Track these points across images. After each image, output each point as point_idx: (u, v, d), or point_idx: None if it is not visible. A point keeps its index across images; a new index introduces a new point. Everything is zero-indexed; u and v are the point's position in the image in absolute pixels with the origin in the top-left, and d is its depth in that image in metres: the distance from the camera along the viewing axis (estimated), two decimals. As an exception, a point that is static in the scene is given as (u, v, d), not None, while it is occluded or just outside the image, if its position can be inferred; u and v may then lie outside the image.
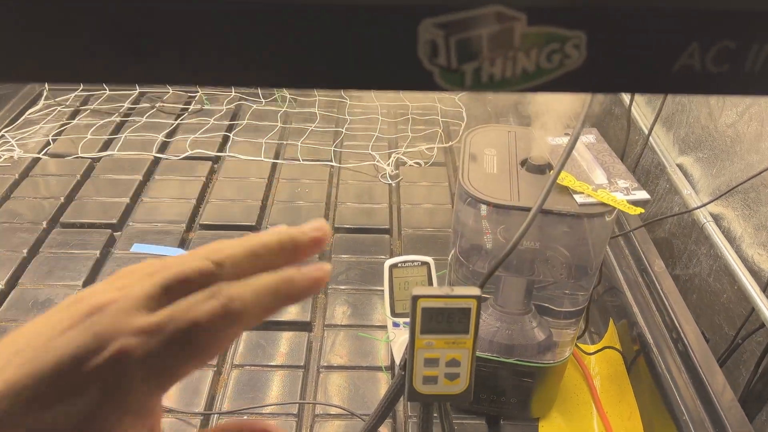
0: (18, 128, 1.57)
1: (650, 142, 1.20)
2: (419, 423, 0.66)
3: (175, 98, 1.74)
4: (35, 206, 1.29)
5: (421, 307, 0.55)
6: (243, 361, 0.97)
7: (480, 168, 0.73)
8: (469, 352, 0.58)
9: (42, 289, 1.08)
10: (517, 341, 0.82)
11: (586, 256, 0.74)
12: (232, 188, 1.37)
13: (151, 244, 1.20)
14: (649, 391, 0.85)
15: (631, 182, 0.70)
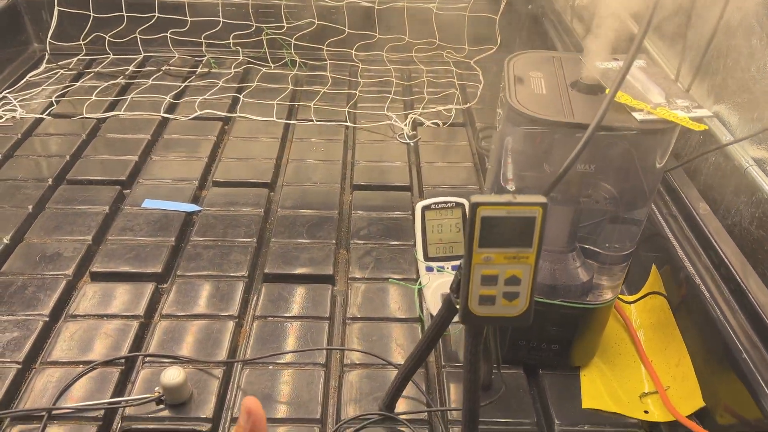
0: (19, 90, 1.51)
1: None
2: (468, 355, 0.61)
3: (181, 62, 1.68)
4: (39, 164, 1.24)
5: (480, 216, 0.50)
6: (265, 313, 0.92)
7: (527, 90, 0.68)
8: (530, 268, 0.53)
9: (50, 244, 1.03)
10: (560, 281, 0.77)
11: (640, 184, 0.69)
12: (245, 147, 1.32)
13: (162, 200, 1.14)
14: (700, 334, 0.80)
15: (691, 101, 0.66)
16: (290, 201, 1.16)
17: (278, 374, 0.83)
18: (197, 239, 1.05)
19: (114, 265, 0.99)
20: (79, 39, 1.69)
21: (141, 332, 0.89)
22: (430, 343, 0.68)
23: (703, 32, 1.15)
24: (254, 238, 1.06)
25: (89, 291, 0.94)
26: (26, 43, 1.73)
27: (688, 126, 0.62)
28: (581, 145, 0.58)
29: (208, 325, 0.89)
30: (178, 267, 1.00)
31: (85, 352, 0.85)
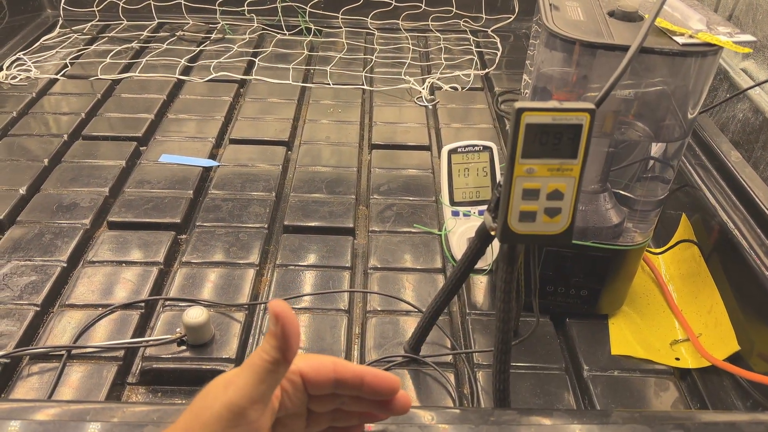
0: (33, 52, 1.50)
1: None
2: (501, 284, 0.59)
3: (196, 28, 1.66)
4: (54, 121, 1.22)
5: (525, 122, 0.48)
6: (285, 262, 0.90)
7: (564, 16, 0.66)
8: (575, 181, 0.51)
9: (66, 194, 1.02)
10: (591, 223, 0.75)
11: (678, 116, 0.67)
12: (261, 108, 1.30)
13: (179, 155, 1.13)
14: (735, 281, 0.78)
15: (732, 28, 0.64)
16: (308, 159, 1.14)
17: (300, 319, 0.81)
18: (215, 192, 1.04)
19: (132, 215, 0.98)
20: (92, 5, 1.68)
21: (160, 279, 0.88)
22: (460, 277, 0.67)
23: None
24: (273, 193, 1.04)
25: (107, 239, 0.93)
26: (39, 9, 1.71)
27: (732, 48, 0.60)
28: (625, 62, 0.56)
29: (228, 273, 0.88)
30: (196, 218, 0.98)
31: (104, 296, 0.83)
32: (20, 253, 0.90)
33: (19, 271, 0.86)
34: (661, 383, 0.75)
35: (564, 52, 0.63)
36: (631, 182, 0.76)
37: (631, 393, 0.73)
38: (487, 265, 0.86)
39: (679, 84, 0.64)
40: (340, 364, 0.41)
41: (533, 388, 0.73)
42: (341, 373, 0.41)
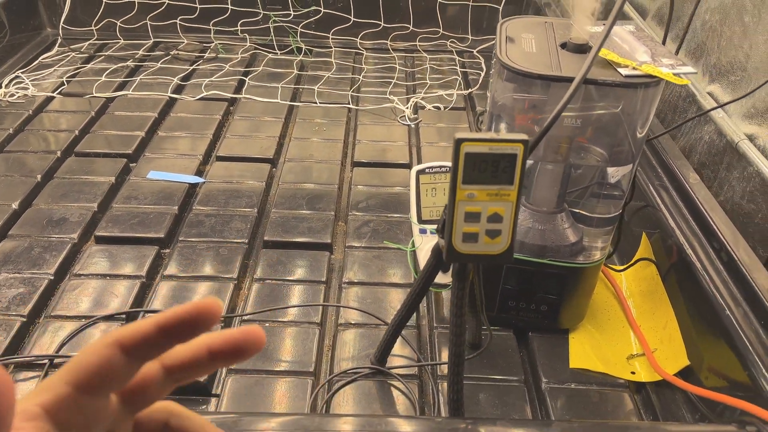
0: (32, 70, 1.55)
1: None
2: (454, 299, 0.63)
3: (190, 47, 1.72)
4: (49, 138, 1.27)
5: (464, 152, 0.53)
6: (263, 276, 0.94)
7: (518, 48, 0.71)
8: (512, 206, 0.55)
9: (56, 210, 1.06)
10: (549, 241, 0.79)
11: (626, 141, 0.71)
12: (249, 126, 1.35)
13: (167, 172, 1.17)
14: (688, 298, 0.82)
15: (676, 60, 0.68)
16: (291, 176, 1.18)
17: (274, 331, 0.85)
18: (199, 208, 1.08)
19: (118, 230, 1.02)
20: (91, 25, 1.73)
21: (143, 292, 0.92)
22: (419, 292, 0.70)
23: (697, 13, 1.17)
24: (255, 209, 1.08)
25: (93, 253, 0.97)
26: (40, 27, 1.77)
27: (671, 80, 0.64)
28: (568, 95, 0.60)
29: (208, 286, 0.92)
30: (180, 233, 1.03)
31: (87, 308, 0.87)
32: (10, 266, 0.94)
33: (8, 283, 0.90)
34: (616, 396, 0.78)
35: (514, 82, 0.67)
36: (583, 201, 0.79)
37: (586, 405, 0.77)
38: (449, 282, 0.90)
39: (625, 111, 0.68)
40: None
41: (492, 399, 0.77)
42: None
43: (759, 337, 0.70)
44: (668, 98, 1.26)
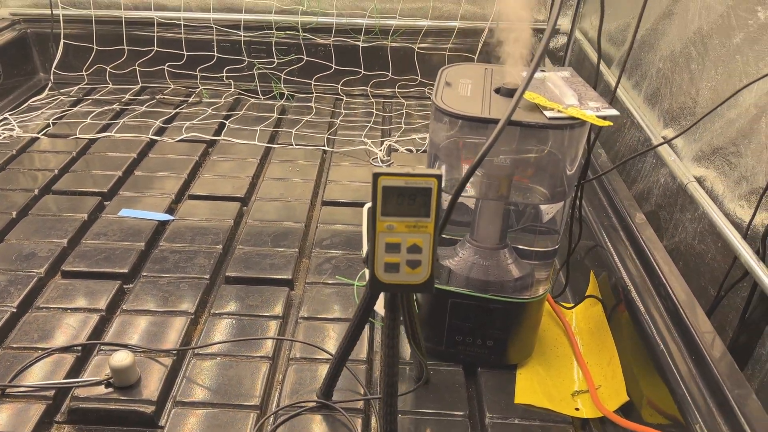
0: (20, 113, 1.61)
1: (637, 121, 1.21)
2: (385, 329, 0.65)
3: (176, 92, 1.78)
4: (29, 177, 1.31)
5: (381, 185, 0.55)
6: (220, 311, 0.96)
7: (454, 92, 0.74)
8: (430, 237, 0.58)
9: (27, 245, 1.09)
10: (492, 277, 0.81)
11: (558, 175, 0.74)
12: (224, 167, 1.39)
13: (138, 210, 1.20)
14: (630, 336, 0.83)
15: (602, 104, 0.71)
16: (260, 214, 1.21)
17: (225, 364, 0.86)
18: (165, 245, 1.11)
19: (84, 265, 1.04)
20: (81, 70, 1.80)
21: (101, 325, 0.93)
22: (358, 324, 0.72)
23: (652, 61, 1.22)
24: (220, 246, 1.11)
25: (58, 286, 0.99)
26: (33, 72, 1.84)
27: (593, 122, 0.67)
28: (493, 136, 0.63)
29: (164, 320, 0.93)
30: (143, 268, 1.05)
31: (45, 339, 0.89)
32: (-26, 298, 0.96)
33: (-30, 315, 0.92)
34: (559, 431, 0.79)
35: (444, 123, 0.71)
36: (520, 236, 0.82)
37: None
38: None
39: (553, 151, 0.71)
40: None
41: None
42: None
43: (692, 375, 0.71)
44: (629, 143, 1.30)
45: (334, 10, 1.77)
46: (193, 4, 1.82)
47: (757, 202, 0.85)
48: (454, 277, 0.82)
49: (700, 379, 0.71)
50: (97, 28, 1.78)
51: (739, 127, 0.91)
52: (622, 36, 1.43)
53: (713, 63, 0.99)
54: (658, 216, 1.15)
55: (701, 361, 0.71)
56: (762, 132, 0.87)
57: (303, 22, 1.77)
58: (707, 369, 0.70)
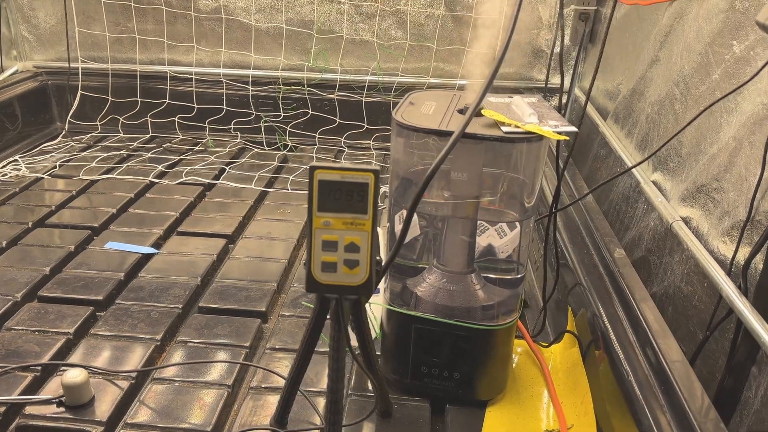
0: (31, 155, 1.66)
1: (626, 165, 1.20)
2: (332, 343, 0.62)
3: (183, 142, 1.83)
4: (27, 211, 1.34)
5: (318, 179, 0.55)
6: (187, 338, 0.94)
7: (416, 111, 0.74)
8: (368, 235, 0.56)
9: (9, 271, 1.09)
10: (458, 302, 0.78)
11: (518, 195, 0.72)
12: (217, 207, 1.40)
13: (125, 243, 1.21)
14: (604, 373, 0.78)
15: (562, 122, 0.70)
16: (244, 251, 1.21)
17: (181, 390, 0.83)
18: (144, 276, 1.10)
19: (61, 291, 1.04)
20: (96, 119, 1.87)
21: (66, 347, 0.92)
22: (308, 342, 0.69)
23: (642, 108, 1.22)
24: (198, 278, 1.10)
25: (30, 309, 0.99)
26: (50, 121, 1.92)
27: (548, 136, 0.66)
28: (448, 146, 0.63)
29: (128, 345, 0.92)
30: (119, 297, 1.04)
31: (6, 359, 0.88)
32: (-54, 318, 0.96)
33: (-62, 333, 0.92)
34: (526, 472, 0.73)
35: (402, 137, 0.71)
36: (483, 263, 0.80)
37: (491, 479, 0.72)
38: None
39: (509, 167, 0.70)
40: None
41: (389, 466, 0.72)
42: None
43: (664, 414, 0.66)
44: (621, 190, 1.28)
45: (338, 67, 1.83)
46: (205, 60, 1.90)
47: (739, 235, 0.82)
48: (420, 303, 0.80)
49: (671, 417, 0.66)
50: (113, 81, 1.86)
51: (720, 163, 0.89)
52: (617, 90, 1.44)
53: (695, 101, 0.98)
54: (648, 261, 1.12)
55: (675, 400, 0.67)
56: (740, 164, 0.85)
57: (309, 78, 1.83)
58: (678, 404, 0.65)
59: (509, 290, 0.79)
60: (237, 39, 1.86)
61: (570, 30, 1.72)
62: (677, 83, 1.04)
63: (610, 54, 1.54)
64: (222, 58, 1.87)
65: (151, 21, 1.87)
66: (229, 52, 1.87)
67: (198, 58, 1.90)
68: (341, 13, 1.80)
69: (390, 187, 0.79)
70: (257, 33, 1.84)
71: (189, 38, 1.86)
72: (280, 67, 1.85)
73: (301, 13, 1.82)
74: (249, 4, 1.82)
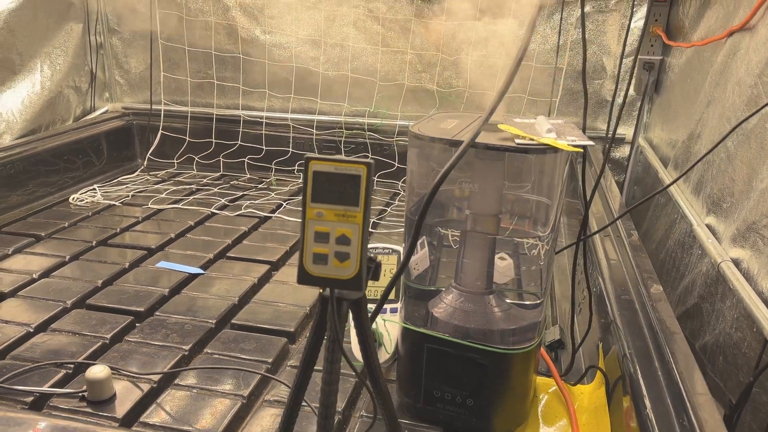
0: (109, 185, 1.79)
1: (682, 210, 1.14)
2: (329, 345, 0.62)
3: (249, 180, 1.91)
4: (93, 231, 1.43)
5: (312, 170, 0.56)
6: (213, 351, 0.96)
7: (435, 125, 0.75)
8: (359, 228, 0.56)
9: (65, 282, 1.17)
10: (474, 323, 0.76)
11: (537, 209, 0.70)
12: (268, 237, 1.44)
13: (175, 263, 1.27)
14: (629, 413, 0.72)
15: (580, 137, 0.69)
16: (285, 276, 1.23)
17: (198, 397, 0.85)
18: (186, 292, 1.14)
19: (107, 301, 1.10)
20: (173, 158, 2.00)
21: (101, 350, 0.96)
22: (311, 345, 0.69)
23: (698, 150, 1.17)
24: (237, 298, 1.13)
25: (77, 315, 1.05)
26: (132, 158, 2.07)
27: (560, 147, 0.65)
28: (456, 156, 0.63)
29: (157, 353, 0.94)
30: (158, 309, 1.08)
31: (46, 355, 0.93)
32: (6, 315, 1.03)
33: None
34: None
35: (417, 147, 0.71)
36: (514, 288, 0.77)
37: None
38: (386, 362, 0.87)
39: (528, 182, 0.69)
40: None
41: (387, 487, 0.69)
42: None
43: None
44: (677, 237, 1.21)
45: (398, 113, 1.88)
46: (276, 106, 2.00)
47: (788, 272, 0.75)
48: (435, 323, 0.78)
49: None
50: (192, 122, 2.00)
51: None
52: (678, 137, 1.38)
53: (746, 135, 0.93)
54: (700, 309, 1.04)
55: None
56: (790, 197, 0.79)
57: (370, 123, 1.89)
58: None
59: (529, 315, 0.76)
60: (306, 86, 1.95)
61: (634, 80, 1.69)
62: (729, 119, 0.99)
63: (674, 102, 1.50)
64: (291, 104, 1.97)
65: (230, 69, 2.01)
66: (298, 98, 1.97)
67: (269, 103, 2.00)
68: (404, 62, 1.86)
69: (407, 205, 0.79)
70: (324, 81, 1.93)
71: (263, 85, 1.98)
72: (343, 113, 1.92)
73: (366, 63, 1.89)
74: (318, 54, 1.92)
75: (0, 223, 1.46)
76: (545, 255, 0.74)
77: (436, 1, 1.79)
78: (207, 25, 1.96)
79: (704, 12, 1.33)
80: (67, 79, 1.93)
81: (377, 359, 0.69)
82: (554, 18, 1.74)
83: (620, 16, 1.71)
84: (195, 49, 1.98)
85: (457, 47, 1.81)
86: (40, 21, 1.80)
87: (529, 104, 1.77)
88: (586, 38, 1.73)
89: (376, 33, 1.86)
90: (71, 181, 1.77)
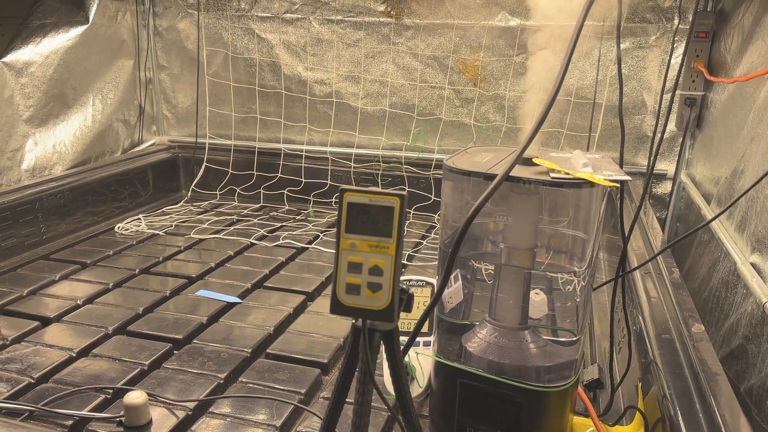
0: (154, 215, 1.84)
1: (725, 248, 1.11)
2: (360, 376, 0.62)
3: (288, 212, 1.94)
4: (136, 260, 1.47)
5: (347, 201, 0.57)
6: (248, 380, 0.97)
7: (469, 158, 0.76)
8: (392, 259, 0.57)
9: (108, 308, 1.20)
10: (508, 359, 0.75)
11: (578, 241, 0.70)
12: (305, 268, 1.46)
13: (214, 291, 1.29)
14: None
15: (617, 172, 0.68)
16: (320, 307, 1.24)
17: (230, 426, 0.85)
18: (224, 321, 1.16)
19: (147, 328, 1.12)
20: (216, 189, 2.05)
21: (139, 376, 0.98)
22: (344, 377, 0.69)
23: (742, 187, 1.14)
24: (272, 327, 1.14)
25: (118, 341, 1.07)
26: (176, 189, 2.13)
27: (594, 181, 0.64)
28: (490, 189, 0.63)
29: (194, 380, 0.96)
30: (196, 337, 1.10)
31: (87, 380, 0.95)
32: (47, 339, 1.06)
33: (30, 352, 1.02)
34: None
35: (451, 180, 0.72)
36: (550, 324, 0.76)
37: None
38: (418, 396, 0.86)
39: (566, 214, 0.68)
40: None
41: None
42: None
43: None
44: (720, 276, 1.18)
45: (435, 147, 1.89)
46: (315, 139, 2.04)
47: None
48: (468, 357, 0.77)
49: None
50: (234, 155, 2.05)
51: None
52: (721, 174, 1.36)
53: (791, 171, 0.91)
54: (745, 350, 1.00)
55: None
56: (838, 234, 0.76)
57: (407, 156, 1.91)
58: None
59: (566, 352, 0.75)
60: (345, 120, 1.99)
61: (675, 116, 1.67)
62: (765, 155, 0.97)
63: (716, 138, 1.47)
64: (330, 138, 2.01)
65: (273, 104, 2.06)
66: (337, 132, 2.00)
67: (309, 137, 2.05)
68: (441, 98, 1.88)
69: (441, 238, 0.79)
70: (363, 115, 1.96)
71: (303, 119, 2.03)
72: (380, 146, 1.94)
73: (404, 98, 1.92)
74: (358, 89, 1.96)
75: (48, 251, 1.52)
76: (581, 291, 0.73)
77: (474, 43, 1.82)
78: (252, 62, 2.02)
79: (747, 47, 1.32)
80: (117, 112, 2.01)
81: (409, 393, 0.69)
82: (593, 54, 1.74)
83: (661, 51, 1.70)
84: (240, 85, 2.04)
85: (495, 83, 1.83)
86: (93, 58, 1.90)
87: (568, 139, 1.76)
88: (626, 74, 1.72)
89: (414, 69, 1.89)
90: (117, 211, 1.83)
